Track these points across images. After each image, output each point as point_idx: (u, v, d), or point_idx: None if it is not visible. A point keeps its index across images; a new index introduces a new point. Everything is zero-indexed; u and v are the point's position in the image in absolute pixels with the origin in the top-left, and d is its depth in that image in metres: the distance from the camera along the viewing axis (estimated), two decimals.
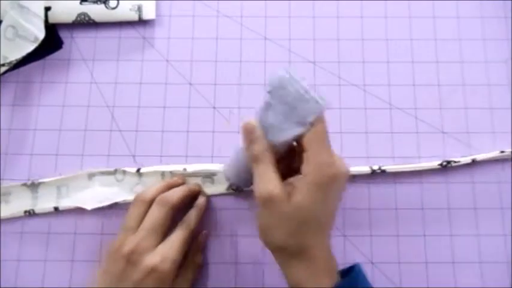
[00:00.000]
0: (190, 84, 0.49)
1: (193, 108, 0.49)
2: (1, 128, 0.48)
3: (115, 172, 0.47)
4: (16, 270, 0.45)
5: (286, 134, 0.36)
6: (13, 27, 0.47)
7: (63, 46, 0.50)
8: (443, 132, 0.48)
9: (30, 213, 0.46)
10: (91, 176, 0.47)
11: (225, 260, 0.46)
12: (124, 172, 0.47)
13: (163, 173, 0.47)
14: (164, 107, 0.49)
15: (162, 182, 0.45)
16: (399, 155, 0.47)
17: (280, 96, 0.36)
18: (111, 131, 0.48)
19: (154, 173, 0.47)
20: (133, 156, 0.48)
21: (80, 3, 0.50)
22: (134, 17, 0.51)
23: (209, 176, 0.47)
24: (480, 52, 0.50)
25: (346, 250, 0.45)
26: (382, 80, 0.49)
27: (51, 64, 0.50)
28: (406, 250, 0.45)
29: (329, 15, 0.51)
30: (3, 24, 0.48)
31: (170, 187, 0.44)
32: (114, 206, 0.46)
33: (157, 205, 0.42)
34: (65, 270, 0.45)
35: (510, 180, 0.47)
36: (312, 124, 0.35)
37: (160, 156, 0.47)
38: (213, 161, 0.47)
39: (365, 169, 0.46)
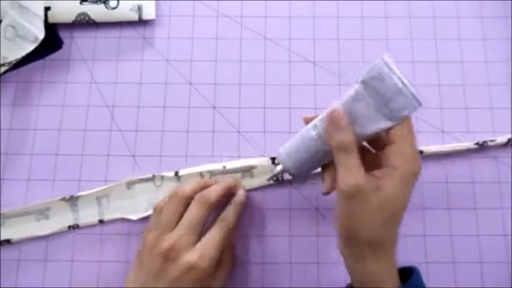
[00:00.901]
0: (190, 84, 0.49)
1: (193, 108, 0.49)
2: (1, 128, 0.48)
3: (153, 178, 0.47)
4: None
5: (375, 126, 0.35)
6: (13, 27, 0.47)
7: (63, 46, 0.50)
8: (443, 132, 0.48)
9: (74, 227, 0.46)
10: (130, 184, 0.47)
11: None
12: (162, 177, 0.47)
13: (201, 173, 0.47)
14: (164, 107, 0.49)
15: (198, 180, 0.44)
16: None
17: (375, 87, 0.35)
18: (111, 131, 0.48)
19: (193, 174, 0.47)
20: (133, 156, 0.48)
21: (80, 3, 0.50)
22: (134, 17, 0.51)
23: (248, 169, 0.46)
24: (480, 52, 0.50)
25: None
26: None
27: (51, 64, 0.50)
28: (406, 250, 0.45)
29: (329, 15, 0.51)
30: (3, 24, 0.48)
31: (206, 185, 0.43)
32: None
33: (197, 203, 0.41)
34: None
35: (510, 180, 0.47)
36: (403, 118, 0.35)
37: (160, 156, 0.47)
38: (214, 161, 0.47)
39: None
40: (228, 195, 0.44)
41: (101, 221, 0.46)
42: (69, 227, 0.46)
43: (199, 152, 0.48)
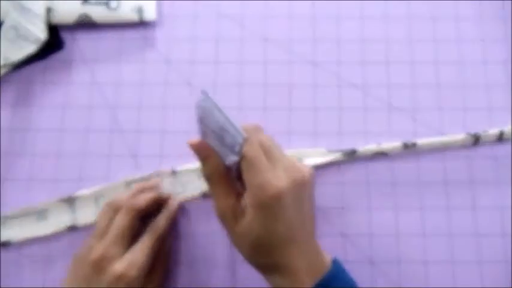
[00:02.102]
0: (190, 84, 0.50)
1: (193, 109, 0.49)
2: (2, 128, 0.48)
3: (150, 177, 0.47)
4: None
5: (228, 159, 0.37)
6: (15, 28, 0.48)
7: (65, 47, 0.50)
8: (442, 133, 0.48)
9: (72, 229, 0.46)
10: (128, 184, 0.47)
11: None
12: (159, 175, 0.47)
13: (199, 169, 0.47)
14: (165, 108, 0.49)
15: (133, 189, 0.45)
16: None
17: (208, 125, 0.36)
18: (112, 131, 0.48)
19: (190, 170, 0.47)
20: (134, 156, 0.48)
21: (81, 4, 0.50)
22: (135, 17, 0.51)
23: None
24: (479, 52, 0.50)
25: (346, 250, 0.45)
26: (382, 80, 0.49)
27: (52, 65, 0.50)
28: (406, 250, 0.45)
29: (329, 15, 0.51)
30: (4, 25, 0.48)
31: (141, 192, 0.44)
32: None
33: (123, 211, 0.41)
34: None
35: (510, 180, 0.47)
36: (240, 152, 0.36)
37: (161, 156, 0.48)
38: None
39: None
40: (160, 206, 0.45)
41: None
42: (68, 227, 0.46)
43: None
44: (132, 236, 0.41)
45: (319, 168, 0.47)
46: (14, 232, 0.46)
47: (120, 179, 0.47)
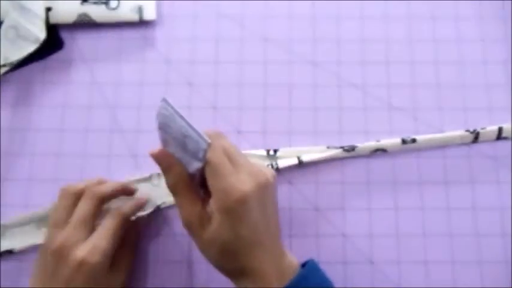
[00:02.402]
0: (190, 84, 0.50)
1: (194, 108, 0.49)
2: (2, 128, 0.48)
3: (150, 178, 0.47)
4: None
5: (192, 166, 0.37)
6: (14, 27, 0.48)
7: (64, 46, 0.50)
8: (442, 133, 0.48)
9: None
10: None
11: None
12: (159, 175, 0.46)
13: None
14: None
15: (94, 178, 0.43)
16: None
17: (170, 132, 0.36)
18: (111, 131, 0.48)
19: None
20: (134, 156, 0.48)
21: (81, 3, 0.50)
22: (135, 17, 0.51)
23: None
24: (479, 52, 0.50)
25: (346, 250, 0.45)
26: (382, 80, 0.49)
27: (52, 64, 0.50)
28: (406, 250, 0.45)
29: (329, 15, 0.51)
30: (4, 24, 0.48)
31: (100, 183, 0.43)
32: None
33: (86, 198, 0.41)
34: None
35: (510, 180, 0.47)
36: (204, 158, 0.36)
37: None
38: None
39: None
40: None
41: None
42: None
43: None
44: (95, 224, 0.40)
45: (319, 166, 0.47)
46: (16, 241, 0.45)
47: (120, 180, 0.47)
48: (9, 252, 0.45)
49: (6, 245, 0.45)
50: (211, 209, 0.36)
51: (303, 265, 0.39)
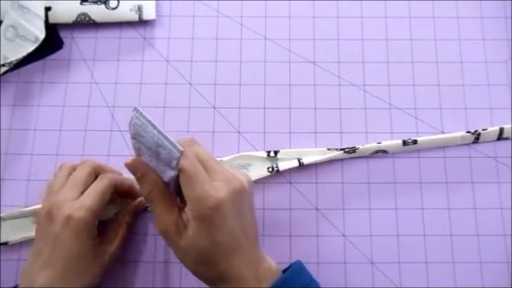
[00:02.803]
0: (190, 84, 0.50)
1: (193, 108, 0.49)
2: (1, 128, 0.48)
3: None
4: None
5: (166, 175, 0.37)
6: (13, 27, 0.47)
7: (64, 46, 0.50)
8: (443, 133, 0.48)
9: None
10: None
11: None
12: None
13: None
14: (164, 107, 0.49)
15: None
16: None
17: (142, 142, 0.36)
18: (111, 131, 0.48)
19: None
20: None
21: (80, 3, 0.50)
22: (134, 17, 0.51)
23: (244, 167, 0.47)
24: (480, 52, 0.50)
25: (346, 250, 0.45)
26: (382, 80, 0.49)
27: (51, 64, 0.50)
28: (406, 250, 0.45)
29: (329, 15, 0.51)
30: (3, 24, 0.48)
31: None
32: None
33: (81, 165, 0.43)
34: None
35: (510, 180, 0.47)
36: (177, 167, 0.36)
37: None
38: None
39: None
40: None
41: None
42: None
43: None
44: (87, 187, 0.41)
45: (319, 167, 0.47)
46: (12, 233, 0.45)
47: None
48: (5, 244, 0.45)
49: (2, 237, 0.45)
50: (188, 217, 0.36)
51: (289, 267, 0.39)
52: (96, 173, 0.43)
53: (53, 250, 0.38)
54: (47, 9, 0.50)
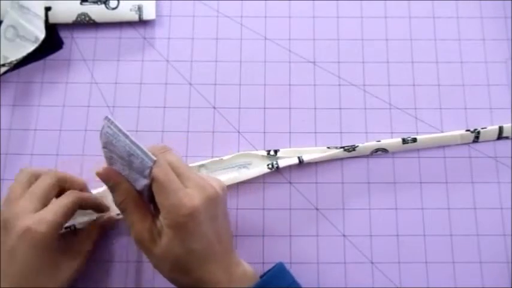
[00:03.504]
0: (190, 84, 0.50)
1: (193, 108, 0.49)
2: (1, 128, 0.48)
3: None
4: None
5: (139, 184, 0.37)
6: (13, 27, 0.47)
7: (64, 46, 0.50)
8: (443, 132, 0.48)
9: (71, 228, 0.44)
10: None
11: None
12: None
13: (198, 168, 0.47)
14: (164, 107, 0.49)
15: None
16: None
17: (114, 151, 0.36)
18: None
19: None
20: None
21: (80, 3, 0.50)
22: (134, 17, 0.51)
23: (244, 165, 0.47)
24: (480, 52, 0.50)
25: (346, 250, 0.45)
26: (382, 80, 0.49)
27: (51, 64, 0.50)
28: (406, 250, 0.45)
29: (329, 15, 0.51)
30: (3, 24, 0.48)
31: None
32: None
33: (44, 176, 0.41)
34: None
35: (510, 180, 0.47)
36: (150, 175, 0.36)
37: None
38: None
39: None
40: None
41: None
42: (66, 228, 0.45)
43: (199, 152, 0.48)
44: (49, 200, 0.40)
45: (319, 166, 0.47)
46: None
47: None
48: None
49: None
50: (162, 224, 0.36)
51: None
52: (59, 185, 0.41)
53: (8, 262, 0.37)
54: (47, 9, 0.50)
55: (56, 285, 0.39)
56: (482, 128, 0.47)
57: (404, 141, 0.47)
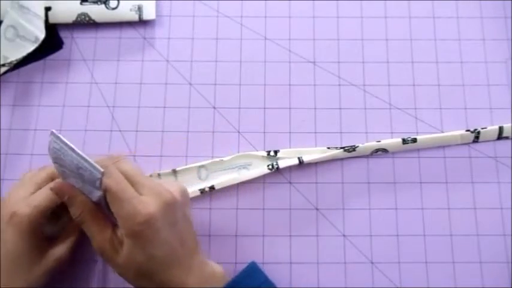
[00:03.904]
0: (190, 84, 0.50)
1: (194, 109, 0.49)
2: (1, 128, 0.48)
3: (151, 177, 0.46)
4: None
5: (93, 195, 0.37)
6: (13, 27, 0.47)
7: (64, 46, 0.50)
8: (443, 132, 0.48)
9: None
10: None
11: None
12: (159, 175, 0.47)
13: (199, 169, 0.47)
14: (164, 107, 0.49)
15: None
16: None
17: (64, 165, 0.36)
18: (111, 131, 0.48)
19: (190, 169, 0.47)
20: (134, 156, 0.48)
21: (80, 3, 0.50)
22: (134, 17, 0.51)
23: (244, 166, 0.47)
24: (480, 52, 0.50)
25: (346, 250, 0.45)
26: (382, 80, 0.49)
27: (51, 64, 0.50)
28: (406, 250, 0.45)
29: (329, 15, 0.51)
30: (3, 24, 0.48)
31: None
32: None
33: (41, 168, 0.42)
34: None
35: (510, 180, 0.47)
36: (101, 187, 0.36)
37: (161, 156, 0.48)
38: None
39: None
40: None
41: None
42: None
43: (199, 152, 0.48)
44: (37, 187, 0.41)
45: (319, 166, 0.47)
46: None
47: None
48: None
49: None
50: (122, 233, 0.36)
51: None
52: (53, 179, 0.42)
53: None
54: (47, 9, 0.50)
55: (39, 272, 0.39)
56: (482, 128, 0.47)
57: (404, 141, 0.47)
